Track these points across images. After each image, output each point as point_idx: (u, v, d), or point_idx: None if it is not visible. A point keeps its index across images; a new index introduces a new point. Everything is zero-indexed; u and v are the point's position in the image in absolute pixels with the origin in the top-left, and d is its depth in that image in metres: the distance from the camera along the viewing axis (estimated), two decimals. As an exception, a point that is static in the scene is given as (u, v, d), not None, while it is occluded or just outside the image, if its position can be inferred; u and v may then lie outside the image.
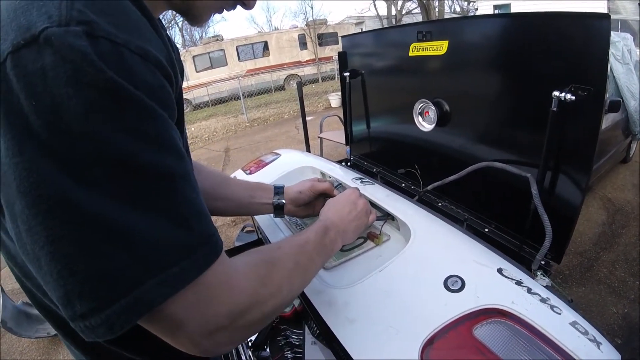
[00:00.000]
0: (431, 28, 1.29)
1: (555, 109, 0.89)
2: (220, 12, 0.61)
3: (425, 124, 1.39)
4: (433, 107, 1.30)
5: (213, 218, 0.49)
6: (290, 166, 1.62)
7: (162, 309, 0.41)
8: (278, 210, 1.04)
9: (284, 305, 0.61)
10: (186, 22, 0.61)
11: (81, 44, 0.34)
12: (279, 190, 1.05)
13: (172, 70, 0.45)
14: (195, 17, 0.58)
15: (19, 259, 0.51)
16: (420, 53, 1.32)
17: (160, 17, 0.62)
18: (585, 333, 0.69)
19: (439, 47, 1.24)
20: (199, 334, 0.45)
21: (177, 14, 0.60)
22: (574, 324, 0.71)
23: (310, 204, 1.09)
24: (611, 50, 3.44)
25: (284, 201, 1.04)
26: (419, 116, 1.40)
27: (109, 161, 0.36)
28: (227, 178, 1.06)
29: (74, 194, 0.35)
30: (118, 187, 0.37)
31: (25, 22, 0.35)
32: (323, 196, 1.09)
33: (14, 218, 0.37)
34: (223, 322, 0.46)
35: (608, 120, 3.38)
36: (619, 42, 3.56)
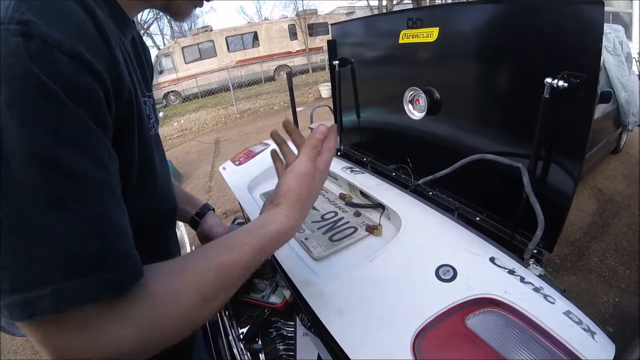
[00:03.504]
0: (421, 15, 1.26)
1: (547, 96, 0.87)
2: (201, 5, 0.63)
3: (416, 112, 1.37)
4: (423, 95, 1.28)
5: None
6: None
7: (62, 319, 0.38)
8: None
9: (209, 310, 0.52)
10: (171, 18, 0.64)
11: (15, 40, 0.37)
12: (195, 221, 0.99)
13: (112, 77, 0.45)
14: (177, 11, 0.61)
15: None
16: (411, 40, 1.30)
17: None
18: (580, 322, 0.68)
19: (429, 34, 1.22)
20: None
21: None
22: (567, 313, 0.70)
23: None
24: (603, 42, 3.44)
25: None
26: (410, 104, 1.38)
27: (24, 156, 0.36)
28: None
29: None
30: (32, 182, 0.37)
31: None
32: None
33: None
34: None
35: (599, 111, 3.40)
36: (611, 34, 3.57)
